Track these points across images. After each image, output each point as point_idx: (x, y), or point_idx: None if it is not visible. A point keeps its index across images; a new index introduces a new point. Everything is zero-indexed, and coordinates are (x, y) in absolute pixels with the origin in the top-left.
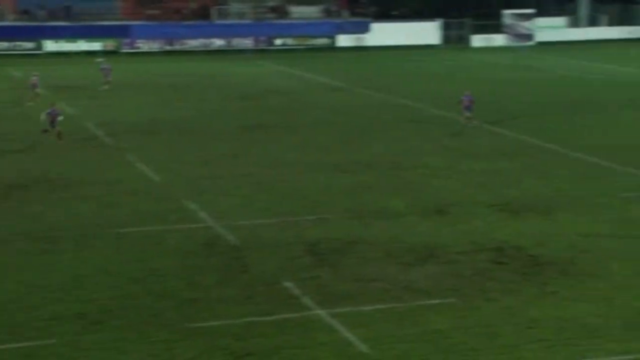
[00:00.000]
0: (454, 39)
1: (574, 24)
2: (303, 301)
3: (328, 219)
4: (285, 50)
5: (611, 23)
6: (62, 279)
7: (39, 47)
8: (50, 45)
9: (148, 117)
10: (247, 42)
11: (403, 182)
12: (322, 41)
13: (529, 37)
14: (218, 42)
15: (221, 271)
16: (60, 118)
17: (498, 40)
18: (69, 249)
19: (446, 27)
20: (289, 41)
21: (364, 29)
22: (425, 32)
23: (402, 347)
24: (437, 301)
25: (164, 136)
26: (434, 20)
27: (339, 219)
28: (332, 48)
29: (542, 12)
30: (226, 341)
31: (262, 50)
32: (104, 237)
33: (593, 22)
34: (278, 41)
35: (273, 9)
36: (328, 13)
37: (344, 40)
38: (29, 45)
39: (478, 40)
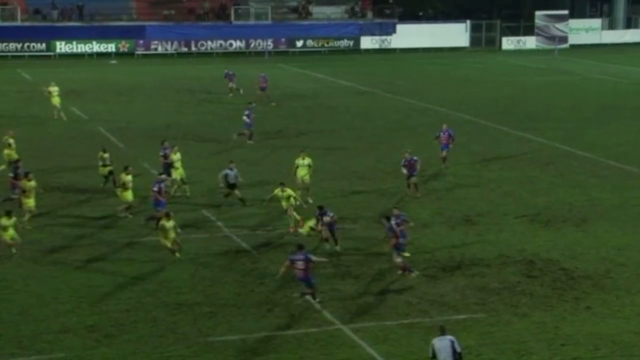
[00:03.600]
0: (483, 41)
1: (610, 26)
2: (324, 315)
3: (350, 229)
4: (306, 53)
5: None
6: (72, 291)
7: (51, 49)
8: (62, 47)
9: (163, 121)
10: (266, 44)
11: (428, 190)
12: (345, 43)
13: (562, 39)
14: (236, 44)
15: (239, 283)
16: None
17: (529, 42)
18: (81, 259)
19: (475, 29)
20: (311, 43)
21: (389, 30)
22: (453, 34)
23: None
24: (464, 316)
25: (180, 142)
26: (462, 22)
27: (361, 229)
28: (356, 50)
29: (576, 14)
30: (244, 356)
31: (282, 53)
32: (116, 246)
33: (630, 25)
34: (299, 43)
35: (294, 10)
36: (352, 14)
37: (368, 42)
38: (40, 46)
39: (508, 43)
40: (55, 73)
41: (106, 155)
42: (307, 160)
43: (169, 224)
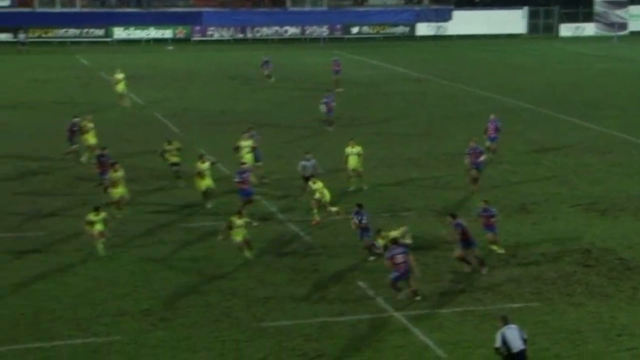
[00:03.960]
0: (540, 28)
1: None
2: (377, 302)
3: (405, 217)
4: (361, 39)
5: None
6: (129, 274)
7: (109, 34)
8: (119, 33)
9: (219, 108)
10: (321, 31)
11: (484, 178)
12: (401, 30)
13: (622, 26)
14: (292, 30)
15: (292, 269)
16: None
17: (588, 29)
18: (137, 244)
19: (532, 16)
20: (366, 29)
21: (445, 16)
22: (510, 21)
23: (481, 353)
24: (519, 305)
25: (235, 128)
26: (519, 8)
27: (416, 217)
28: (412, 37)
29: (637, 0)
30: (297, 342)
31: (338, 39)
32: (172, 231)
33: None
34: (354, 29)
35: None
36: (408, 0)
37: (424, 28)
38: (99, 32)
39: (567, 30)
40: (112, 59)
41: (171, 146)
42: (356, 149)
43: (240, 221)
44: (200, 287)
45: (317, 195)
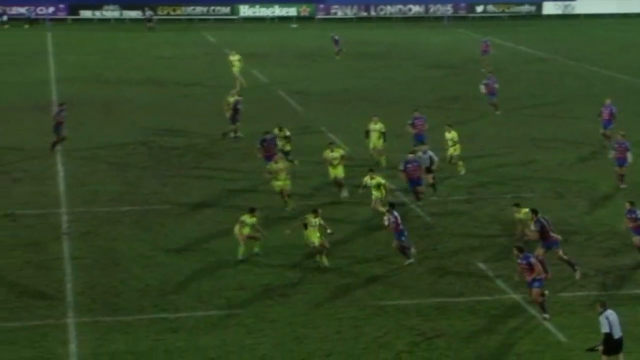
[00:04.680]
0: None
1: None
2: (497, 284)
3: (527, 198)
4: (486, 18)
5: None
6: (247, 249)
7: (234, 12)
8: (245, 10)
9: (341, 86)
10: (445, 9)
11: (609, 162)
12: (527, 8)
13: None
14: (415, 9)
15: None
16: None
17: None
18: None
19: None
20: (491, 8)
21: None
22: None
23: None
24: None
25: (356, 106)
26: None
27: (539, 198)
28: (537, 16)
29: None
30: (415, 321)
31: (462, 18)
32: (293, 209)
33: None
34: (479, 8)
35: None
36: None
37: (550, 7)
38: (225, 10)
39: None
40: (238, 36)
41: (281, 133)
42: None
43: (315, 220)
44: (319, 265)
45: (376, 194)
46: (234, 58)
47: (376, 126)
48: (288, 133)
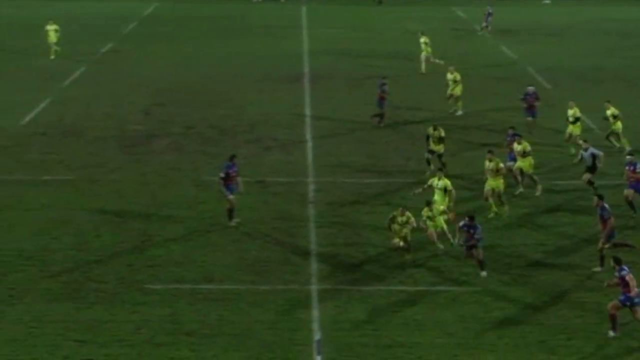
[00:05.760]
0: None
1: None
2: None
3: None
4: None
5: None
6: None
7: None
8: None
9: (591, 64)
10: None
11: None
12: None
13: None
14: None
15: None
16: None
17: None
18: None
19: None
20: None
21: None
22: None
23: None
24: None
25: (607, 85)
26: None
27: None
28: None
29: None
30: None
31: None
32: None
33: None
34: None
35: None
36: None
37: None
38: None
39: None
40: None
41: (435, 132)
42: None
43: (402, 218)
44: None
45: (438, 199)
46: (422, 40)
47: (570, 112)
48: (443, 134)
